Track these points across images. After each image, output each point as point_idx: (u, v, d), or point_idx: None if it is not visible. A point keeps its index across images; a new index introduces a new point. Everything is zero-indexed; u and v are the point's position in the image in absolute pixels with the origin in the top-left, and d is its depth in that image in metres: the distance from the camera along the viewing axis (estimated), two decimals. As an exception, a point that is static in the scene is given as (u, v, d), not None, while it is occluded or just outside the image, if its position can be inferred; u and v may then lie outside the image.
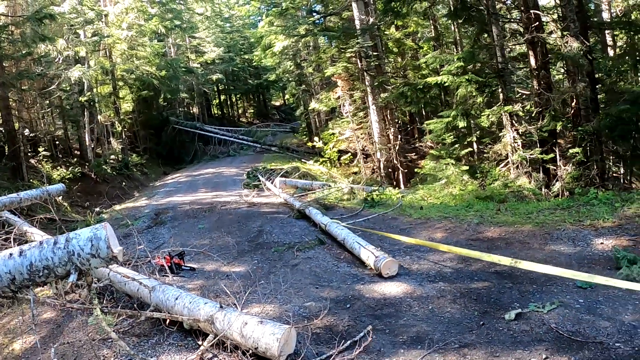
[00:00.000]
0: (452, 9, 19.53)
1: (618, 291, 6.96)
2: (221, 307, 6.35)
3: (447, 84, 18.16)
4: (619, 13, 25.10)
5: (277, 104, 75.82)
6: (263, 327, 5.74)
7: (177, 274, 9.60)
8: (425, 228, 12.24)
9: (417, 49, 31.38)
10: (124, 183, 28.55)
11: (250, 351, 5.84)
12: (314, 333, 6.53)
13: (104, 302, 7.71)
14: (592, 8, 25.11)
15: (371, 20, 27.01)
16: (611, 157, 17.55)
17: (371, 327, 6.58)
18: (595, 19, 23.03)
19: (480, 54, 19.16)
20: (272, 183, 20.73)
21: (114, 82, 35.15)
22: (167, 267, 9.17)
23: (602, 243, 9.06)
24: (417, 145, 26.84)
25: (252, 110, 72.35)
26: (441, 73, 18.57)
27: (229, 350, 6.08)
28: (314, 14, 32.02)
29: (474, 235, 10.94)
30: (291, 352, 5.77)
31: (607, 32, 24.47)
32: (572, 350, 5.60)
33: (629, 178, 17.42)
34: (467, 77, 17.63)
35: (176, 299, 6.92)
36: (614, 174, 17.77)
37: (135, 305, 7.53)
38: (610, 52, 24.80)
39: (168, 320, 6.72)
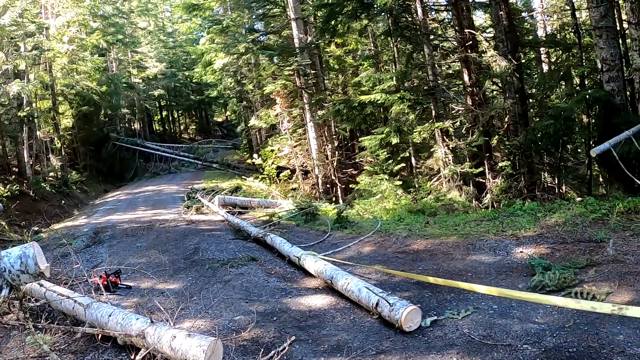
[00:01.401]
0: (388, 28, 19.96)
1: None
2: (152, 322, 6.42)
3: (380, 102, 18.49)
4: (553, 31, 26.03)
5: (220, 120, 75.44)
6: (191, 340, 5.82)
7: (114, 292, 9.53)
8: (356, 242, 12.44)
9: (357, 66, 31.77)
10: (63, 201, 27.82)
11: (180, 364, 5.92)
12: (241, 345, 6.64)
13: (41, 320, 7.63)
14: (528, 27, 25.95)
15: (310, 38, 27.30)
16: (545, 169, 18.11)
17: (294, 337, 6.73)
18: (530, 37, 23.80)
19: (412, 72, 19.58)
20: (210, 201, 20.66)
21: (53, 97, 34.30)
22: (102, 286, 9.15)
23: (521, 252, 9.41)
24: (356, 160, 27.10)
25: (194, 127, 71.76)
26: (375, 91, 18.89)
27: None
28: (254, 32, 32.18)
29: (401, 248, 11.21)
30: (218, 363, 5.87)
31: (542, 49, 25.32)
32: (482, 353, 5.83)
33: (563, 188, 17.99)
34: (399, 95, 18.01)
35: (110, 315, 6.98)
36: (549, 185, 18.33)
37: (70, 323, 7.48)
38: (545, 68, 25.63)
39: (100, 336, 6.74)
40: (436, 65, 19.53)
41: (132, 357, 6.30)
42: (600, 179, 17.65)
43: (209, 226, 16.72)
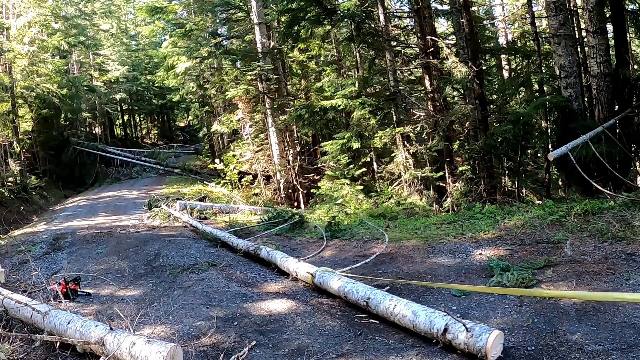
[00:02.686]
0: (351, 34, 20.04)
1: (490, 297, 7.34)
2: (111, 329, 6.31)
3: (341, 107, 18.55)
4: (514, 39, 26.42)
5: (182, 124, 74.70)
6: (150, 346, 5.75)
7: (73, 300, 9.32)
8: (316, 247, 12.40)
9: (320, 72, 31.86)
10: (22, 207, 27.28)
11: (140, 371, 5.84)
12: (202, 350, 6.58)
13: None
14: (489, 34, 26.31)
15: (272, 43, 27.34)
16: (505, 173, 18.32)
17: (255, 342, 6.72)
18: (491, 45, 24.14)
19: (374, 78, 19.70)
20: (170, 207, 20.41)
21: (13, 100, 33.22)
22: (61, 293, 8.91)
23: (480, 254, 9.48)
24: (318, 165, 27.14)
25: (157, 131, 70.93)
26: (336, 96, 18.95)
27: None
28: (217, 36, 32.07)
29: (361, 252, 11.21)
30: (179, 369, 5.78)
31: (502, 56, 25.70)
32: (439, 354, 5.88)
33: (522, 191, 18.22)
34: (360, 101, 18.12)
35: (68, 323, 6.84)
36: (509, 189, 18.54)
37: (28, 331, 7.34)
38: (506, 75, 26.00)
39: (59, 344, 6.62)
40: (398, 72, 19.63)
41: None
42: (560, 183, 17.93)
43: (170, 232, 16.53)
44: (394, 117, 18.81)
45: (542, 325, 6.21)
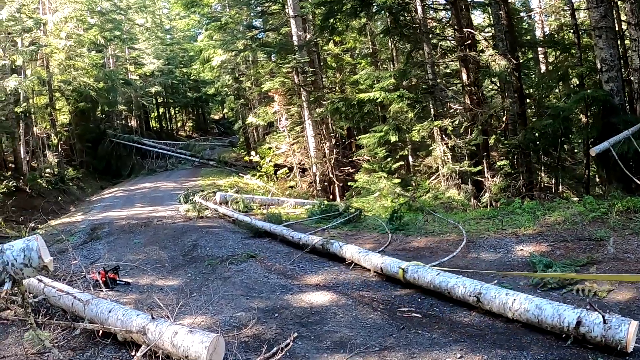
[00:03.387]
0: (387, 26, 19.93)
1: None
2: (153, 318, 6.33)
3: (379, 100, 18.50)
4: (551, 31, 26.07)
5: (217, 117, 75.13)
6: (192, 336, 5.76)
7: (112, 289, 9.45)
8: (355, 239, 12.43)
9: (355, 65, 31.77)
10: (60, 197, 27.65)
11: (181, 360, 5.90)
12: (243, 341, 6.58)
13: (40, 317, 7.56)
14: (526, 27, 26.01)
15: (308, 36, 27.30)
16: (543, 168, 18.15)
17: (297, 334, 6.69)
18: (528, 37, 23.84)
19: (411, 71, 19.58)
20: (208, 201, 20.44)
21: (50, 93, 33.88)
22: (101, 282, 9.03)
23: (521, 249, 9.45)
24: (354, 159, 27.09)
25: (191, 124, 71.43)
26: (374, 89, 18.87)
27: (161, 360, 6.11)
28: (253, 29, 32.14)
29: (401, 245, 11.26)
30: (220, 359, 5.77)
31: (539, 49, 25.36)
32: (485, 349, 5.80)
33: (559, 188, 18.05)
34: (398, 94, 17.99)
35: (109, 311, 6.89)
36: (546, 184, 18.38)
37: (69, 319, 7.34)
38: (543, 68, 25.66)
39: (101, 332, 6.70)
40: (435, 64, 19.50)
41: (133, 353, 6.30)
42: (597, 179, 17.69)
43: (207, 223, 16.70)
44: (432, 110, 18.72)
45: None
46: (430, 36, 19.39)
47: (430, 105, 18.91)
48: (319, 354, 6.16)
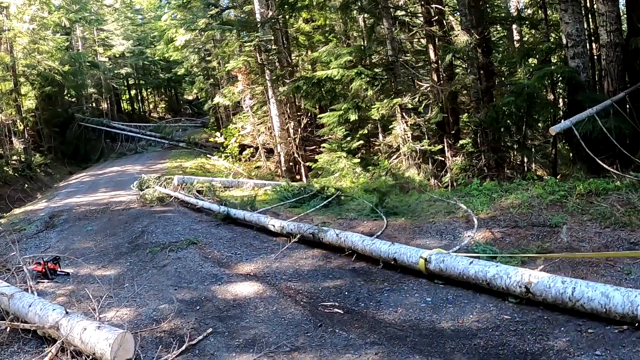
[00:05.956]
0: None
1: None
2: (67, 312, 6.26)
3: (337, 78, 17.98)
4: (525, 6, 25.49)
5: (190, 98, 74.00)
6: (99, 333, 5.67)
7: (52, 280, 9.43)
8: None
9: (327, 43, 31.12)
10: (26, 185, 27.59)
11: (91, 357, 5.76)
12: (158, 337, 6.39)
13: None
14: (499, 3, 25.34)
15: (271, 13, 26.61)
16: (514, 147, 17.58)
17: (211, 329, 6.47)
18: (503, 14, 23.17)
19: (373, 47, 19.03)
20: (167, 187, 19.56)
21: (15, 79, 33.37)
22: (41, 273, 9.32)
23: (469, 236, 8.78)
24: (321, 138, 26.63)
25: (164, 105, 70.61)
26: (332, 67, 18.30)
27: (72, 357, 5.91)
28: (213, 7, 31.33)
29: (346, 230, 10.45)
30: (130, 356, 5.68)
31: (514, 27, 24.80)
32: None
33: (532, 166, 17.55)
34: (357, 71, 17.58)
35: (29, 306, 6.82)
36: (518, 163, 17.78)
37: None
38: (517, 46, 25.10)
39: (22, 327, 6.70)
40: (396, 40, 18.86)
41: (48, 349, 6.13)
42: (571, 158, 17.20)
43: (163, 207, 16.48)
44: (393, 87, 18.06)
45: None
46: (391, 10, 18.71)
47: (391, 83, 18.22)
48: (228, 352, 5.91)
